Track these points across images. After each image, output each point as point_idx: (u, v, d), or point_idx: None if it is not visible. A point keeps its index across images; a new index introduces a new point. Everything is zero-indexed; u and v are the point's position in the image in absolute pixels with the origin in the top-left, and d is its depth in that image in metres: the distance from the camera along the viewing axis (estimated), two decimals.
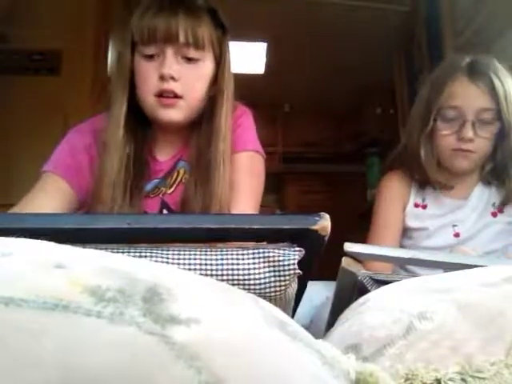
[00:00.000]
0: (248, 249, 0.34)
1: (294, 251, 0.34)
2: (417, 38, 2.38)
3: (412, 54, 2.45)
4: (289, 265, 0.34)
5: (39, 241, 0.23)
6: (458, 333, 0.25)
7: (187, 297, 0.20)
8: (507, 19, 1.68)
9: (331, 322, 0.39)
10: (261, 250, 0.34)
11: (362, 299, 0.34)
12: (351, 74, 3.16)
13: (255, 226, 0.33)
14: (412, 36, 2.44)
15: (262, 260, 0.34)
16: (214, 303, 0.20)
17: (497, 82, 0.96)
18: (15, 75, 2.01)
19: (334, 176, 4.02)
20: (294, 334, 0.21)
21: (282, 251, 0.34)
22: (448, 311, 0.27)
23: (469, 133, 0.96)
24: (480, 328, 0.26)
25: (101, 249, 0.31)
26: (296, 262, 0.34)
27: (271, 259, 0.34)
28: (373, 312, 0.30)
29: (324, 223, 0.33)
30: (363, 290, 0.46)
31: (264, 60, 3.16)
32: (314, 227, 0.33)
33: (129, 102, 0.85)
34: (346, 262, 0.50)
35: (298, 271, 0.34)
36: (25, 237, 0.23)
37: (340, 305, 0.42)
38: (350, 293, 0.49)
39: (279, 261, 0.34)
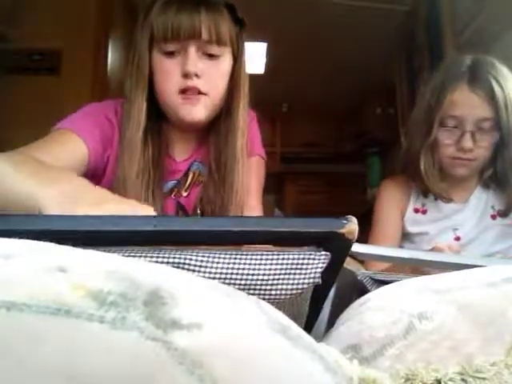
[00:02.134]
0: (272, 253, 0.33)
1: (320, 255, 0.33)
2: (417, 38, 2.38)
3: (412, 54, 2.45)
4: (312, 269, 0.33)
5: (41, 242, 0.23)
6: (458, 333, 0.25)
7: (189, 301, 0.20)
8: (507, 19, 1.68)
9: (331, 322, 0.39)
10: (285, 254, 0.33)
11: (362, 299, 0.34)
12: (351, 74, 3.16)
13: (280, 229, 0.32)
14: (412, 36, 2.44)
15: (285, 264, 0.33)
16: (216, 307, 0.20)
17: (497, 89, 0.95)
18: (15, 75, 2.01)
19: (333, 176, 4.03)
20: (296, 338, 0.21)
21: (307, 255, 0.33)
22: (448, 311, 0.27)
23: (468, 143, 0.97)
24: (480, 328, 0.26)
25: (127, 251, 0.30)
26: (321, 267, 0.33)
27: (295, 263, 0.33)
28: (373, 312, 0.30)
29: (352, 226, 0.32)
30: (363, 290, 0.46)
31: (264, 60, 3.16)
32: (341, 230, 0.32)
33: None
34: (345, 262, 0.50)
35: (318, 280, 0.33)
36: (50, 239, 0.23)
37: (340, 305, 0.42)
38: (350, 293, 0.49)
39: (302, 265, 0.33)
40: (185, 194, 0.90)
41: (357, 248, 0.48)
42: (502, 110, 0.95)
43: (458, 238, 1.04)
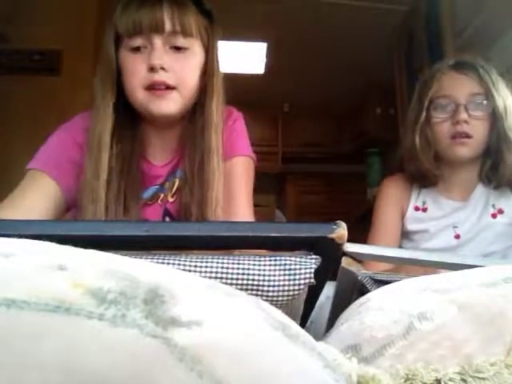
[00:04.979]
0: (265, 256, 0.34)
1: (311, 259, 0.34)
2: (417, 38, 2.38)
3: (412, 54, 2.45)
4: (305, 273, 0.34)
5: (41, 242, 0.23)
6: (458, 333, 0.25)
7: (188, 299, 0.20)
8: (507, 19, 1.68)
9: (331, 322, 0.39)
10: (278, 258, 0.34)
11: (362, 299, 0.34)
12: (351, 74, 3.16)
13: (272, 234, 0.33)
14: (412, 36, 2.45)
15: (278, 268, 0.34)
16: (215, 305, 0.20)
17: (483, 71, 1.00)
18: (15, 75, 2.01)
19: (333, 176, 4.02)
20: (295, 336, 0.21)
21: (298, 259, 0.34)
22: (448, 311, 0.27)
23: (462, 114, 0.99)
24: (480, 328, 0.26)
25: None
26: (312, 270, 0.34)
27: (287, 267, 0.34)
28: (373, 312, 0.30)
29: (341, 231, 0.34)
30: (363, 290, 0.46)
31: (264, 60, 3.16)
32: (331, 235, 0.33)
33: (115, 101, 0.81)
34: (345, 262, 0.50)
35: (312, 281, 0.34)
36: None
37: (340, 305, 0.42)
38: (349, 293, 0.49)
39: (295, 269, 0.34)
40: (171, 200, 0.86)
41: (356, 248, 0.48)
42: (491, 86, 0.99)
43: (457, 236, 1.04)
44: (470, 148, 1.01)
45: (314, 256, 0.35)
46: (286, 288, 0.33)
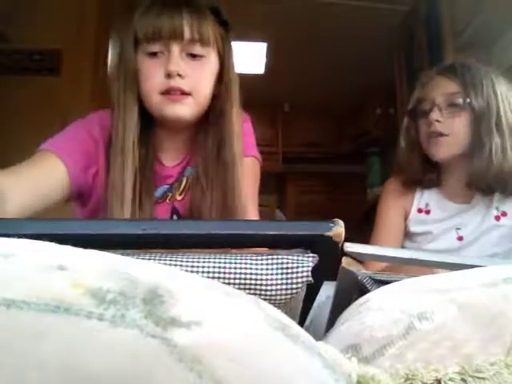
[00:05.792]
0: (262, 255, 0.34)
1: (308, 257, 0.34)
2: (417, 38, 2.38)
3: (412, 54, 2.45)
4: (302, 271, 0.34)
5: (41, 242, 0.23)
6: (458, 333, 0.25)
7: (188, 299, 0.20)
8: (507, 19, 1.68)
9: (331, 322, 0.39)
10: (275, 256, 0.34)
11: (362, 299, 0.34)
12: (351, 74, 3.17)
13: (269, 232, 0.33)
14: (412, 36, 2.45)
15: (275, 266, 0.33)
16: (215, 305, 0.20)
17: (463, 71, 1.01)
18: (15, 75, 2.01)
19: (334, 176, 4.03)
20: (295, 336, 0.21)
21: (295, 257, 0.34)
22: (448, 311, 0.27)
23: (434, 114, 1.00)
24: (480, 328, 0.26)
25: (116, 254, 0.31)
26: (309, 268, 0.34)
27: (285, 265, 0.34)
28: (373, 312, 0.30)
29: (338, 229, 0.34)
30: (363, 290, 0.46)
31: (264, 60, 3.17)
32: (328, 233, 0.33)
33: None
34: (346, 262, 0.50)
35: (310, 279, 0.34)
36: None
37: (340, 305, 0.42)
38: (350, 293, 0.49)
39: (292, 267, 0.34)
40: (179, 198, 0.89)
41: (356, 248, 0.48)
42: (470, 84, 0.99)
43: (460, 238, 1.04)
44: (447, 146, 1.01)
45: (311, 254, 0.34)
46: (284, 287, 0.33)
